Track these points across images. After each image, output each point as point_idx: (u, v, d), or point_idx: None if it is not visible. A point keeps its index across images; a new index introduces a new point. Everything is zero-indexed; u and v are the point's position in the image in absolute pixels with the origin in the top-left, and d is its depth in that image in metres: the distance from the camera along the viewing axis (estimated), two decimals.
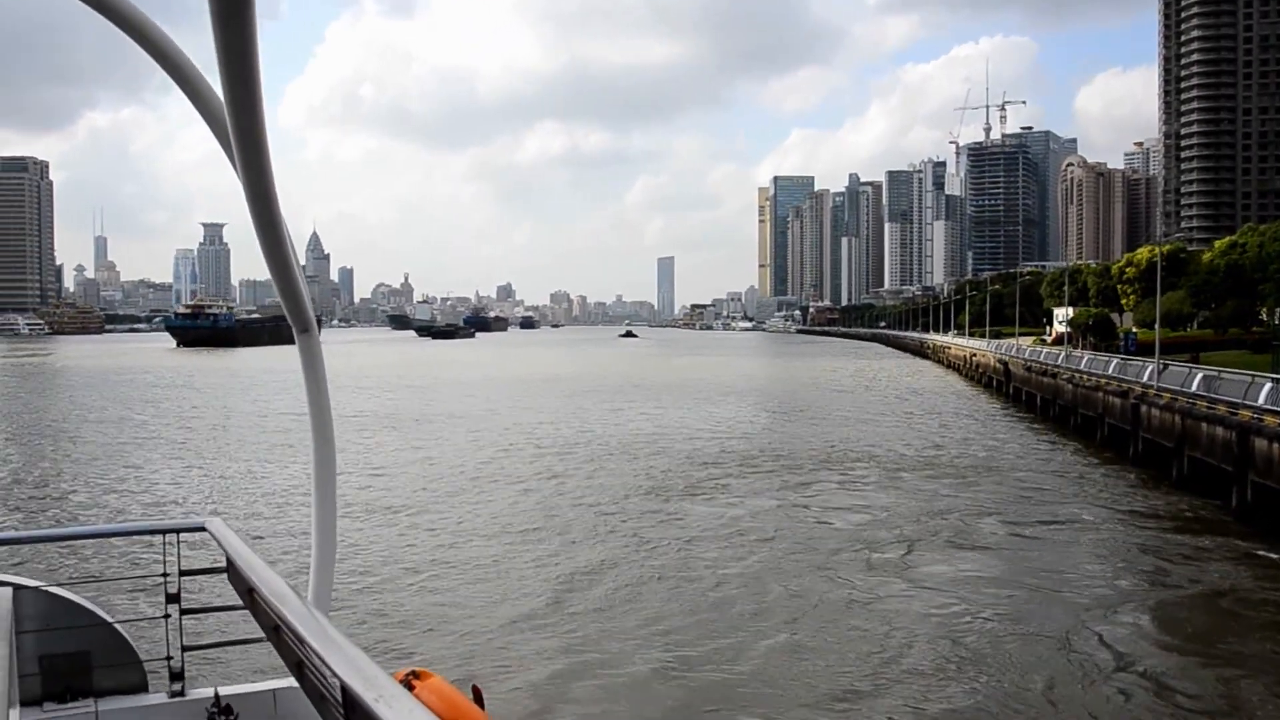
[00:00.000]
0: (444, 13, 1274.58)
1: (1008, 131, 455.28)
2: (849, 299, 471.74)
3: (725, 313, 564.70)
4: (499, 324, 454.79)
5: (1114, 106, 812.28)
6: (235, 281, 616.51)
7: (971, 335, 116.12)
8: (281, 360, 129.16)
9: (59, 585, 5.33)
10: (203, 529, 5.30)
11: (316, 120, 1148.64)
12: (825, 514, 27.51)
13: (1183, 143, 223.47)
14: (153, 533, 5.77)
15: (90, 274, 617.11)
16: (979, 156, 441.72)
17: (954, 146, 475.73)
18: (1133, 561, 22.69)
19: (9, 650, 3.30)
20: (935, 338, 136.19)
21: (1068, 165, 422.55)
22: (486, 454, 39.62)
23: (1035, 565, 21.93)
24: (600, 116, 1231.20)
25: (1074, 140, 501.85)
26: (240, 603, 4.63)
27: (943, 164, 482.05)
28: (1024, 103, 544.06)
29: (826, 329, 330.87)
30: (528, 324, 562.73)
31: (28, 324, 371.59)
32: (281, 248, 4.18)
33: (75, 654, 5.07)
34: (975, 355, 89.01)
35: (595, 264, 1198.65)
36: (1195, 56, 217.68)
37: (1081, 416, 45.62)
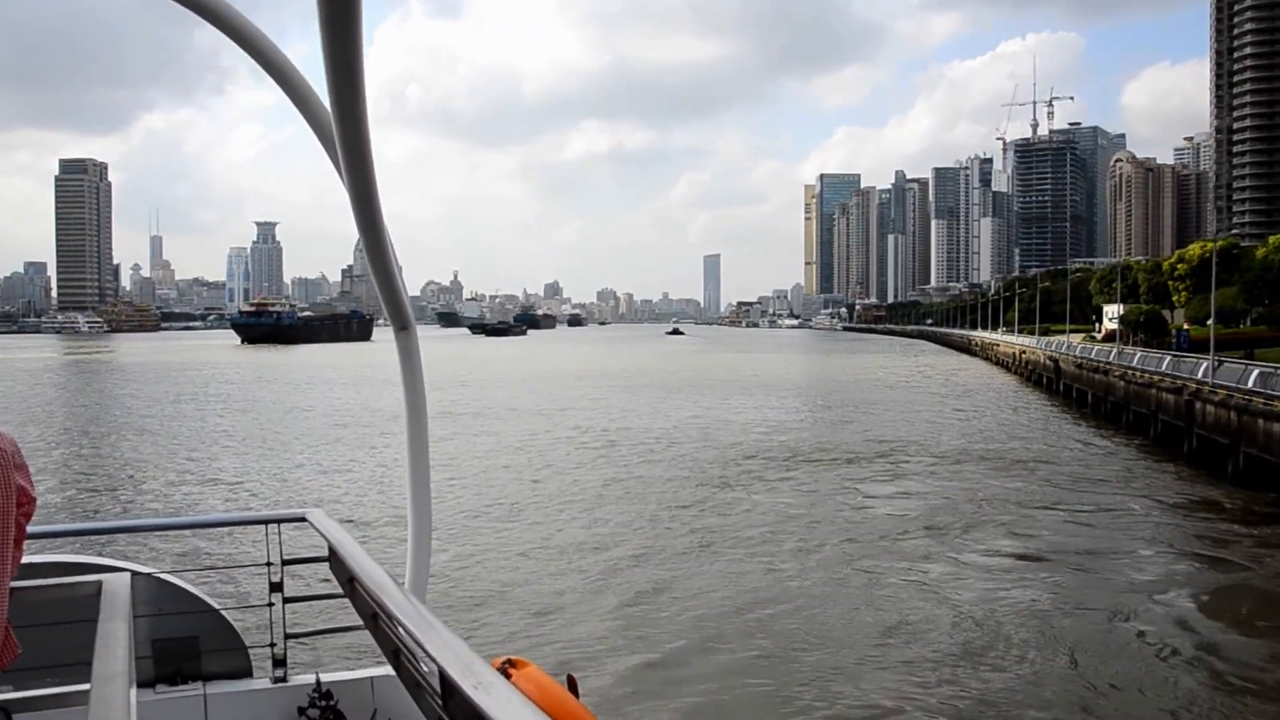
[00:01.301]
0: (489, 14, 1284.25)
1: (1055, 127, 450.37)
2: (895, 296, 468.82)
3: (771, 310, 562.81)
4: (548, 321, 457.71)
5: (1162, 101, 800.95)
6: (288, 279, 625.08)
7: (1020, 332, 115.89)
8: (345, 357, 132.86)
9: (170, 572, 5.53)
10: (304, 519, 5.46)
11: None
12: (887, 503, 28.32)
13: (1235, 137, 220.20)
14: (256, 523, 5.96)
15: (146, 273, 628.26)
16: (1026, 153, 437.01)
17: (1001, 143, 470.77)
18: (1190, 551, 23.23)
19: (129, 632, 3.43)
20: (983, 335, 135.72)
21: (1116, 161, 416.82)
22: (562, 447, 40.91)
23: (1091, 554, 22.57)
24: (644, 114, 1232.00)
25: (1122, 136, 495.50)
26: (340, 591, 4.81)
27: (989, 161, 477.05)
28: (1071, 98, 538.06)
29: (873, 326, 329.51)
30: (575, 321, 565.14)
31: (87, 322, 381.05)
32: (383, 250, 4.38)
33: (184, 639, 5.27)
34: (1025, 352, 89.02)
35: (641, 261, 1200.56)
36: (1249, 50, 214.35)
37: (1134, 413, 45.82)
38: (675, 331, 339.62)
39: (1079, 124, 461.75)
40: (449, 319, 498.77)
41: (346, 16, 2.84)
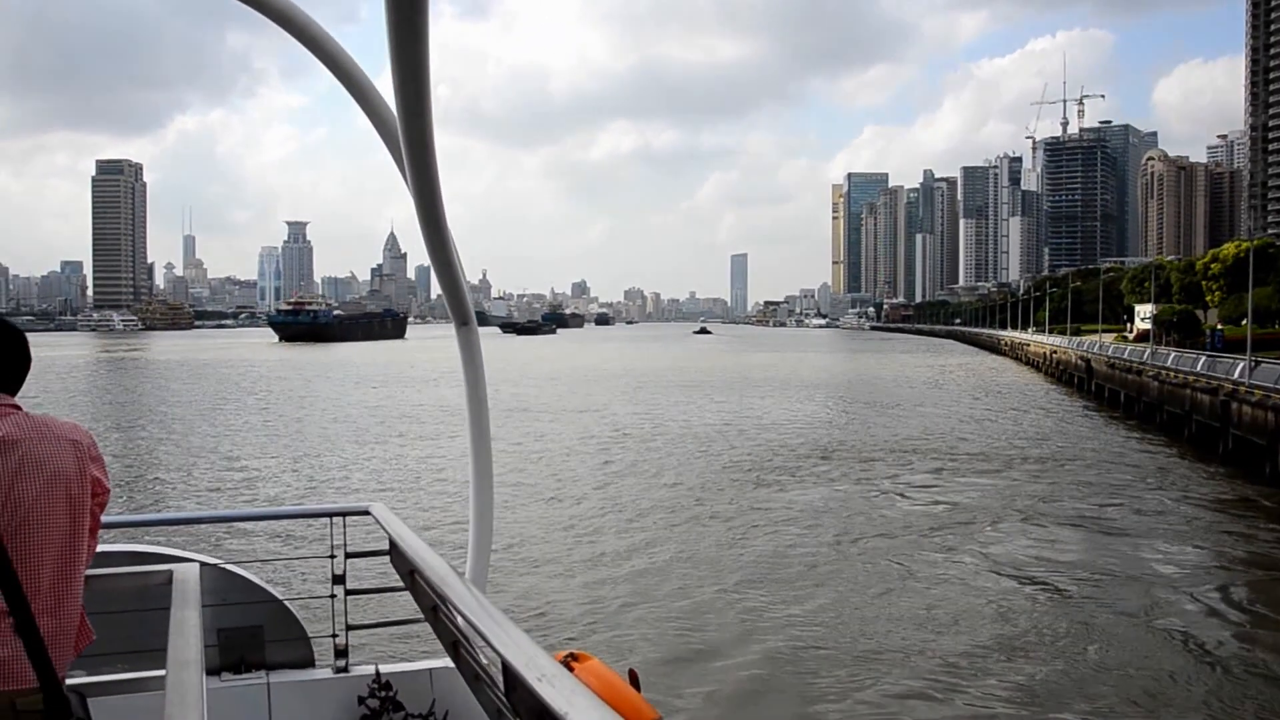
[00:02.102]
0: (517, 15, 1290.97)
1: (1085, 125, 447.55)
2: (923, 296, 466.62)
3: (798, 309, 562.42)
4: (575, 320, 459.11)
5: (1195, 98, 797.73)
6: (318, 278, 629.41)
7: (1051, 332, 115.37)
8: (382, 354, 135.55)
9: (236, 563, 5.63)
10: (367, 513, 5.53)
11: None
12: (939, 501, 28.53)
13: (1270, 135, 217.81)
14: (320, 515, 6.10)
15: (179, 271, 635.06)
16: (1056, 151, 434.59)
17: (1030, 141, 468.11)
18: (1228, 549, 23.26)
19: (199, 621, 3.54)
20: (1013, 335, 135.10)
21: (1148, 159, 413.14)
22: (610, 444, 41.32)
23: (1132, 550, 22.66)
24: (671, 114, 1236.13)
25: (1154, 134, 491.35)
26: (401, 584, 4.92)
27: (1019, 159, 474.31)
28: (1102, 96, 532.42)
29: (901, 326, 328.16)
30: (603, 320, 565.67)
31: (122, 320, 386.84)
32: (445, 248, 4.53)
33: (249, 628, 5.39)
34: (1056, 352, 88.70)
35: (668, 261, 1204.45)
36: None
37: (1168, 414, 45.58)
38: (703, 331, 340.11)
39: (1110, 122, 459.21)
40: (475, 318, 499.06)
41: (414, 19, 2.95)
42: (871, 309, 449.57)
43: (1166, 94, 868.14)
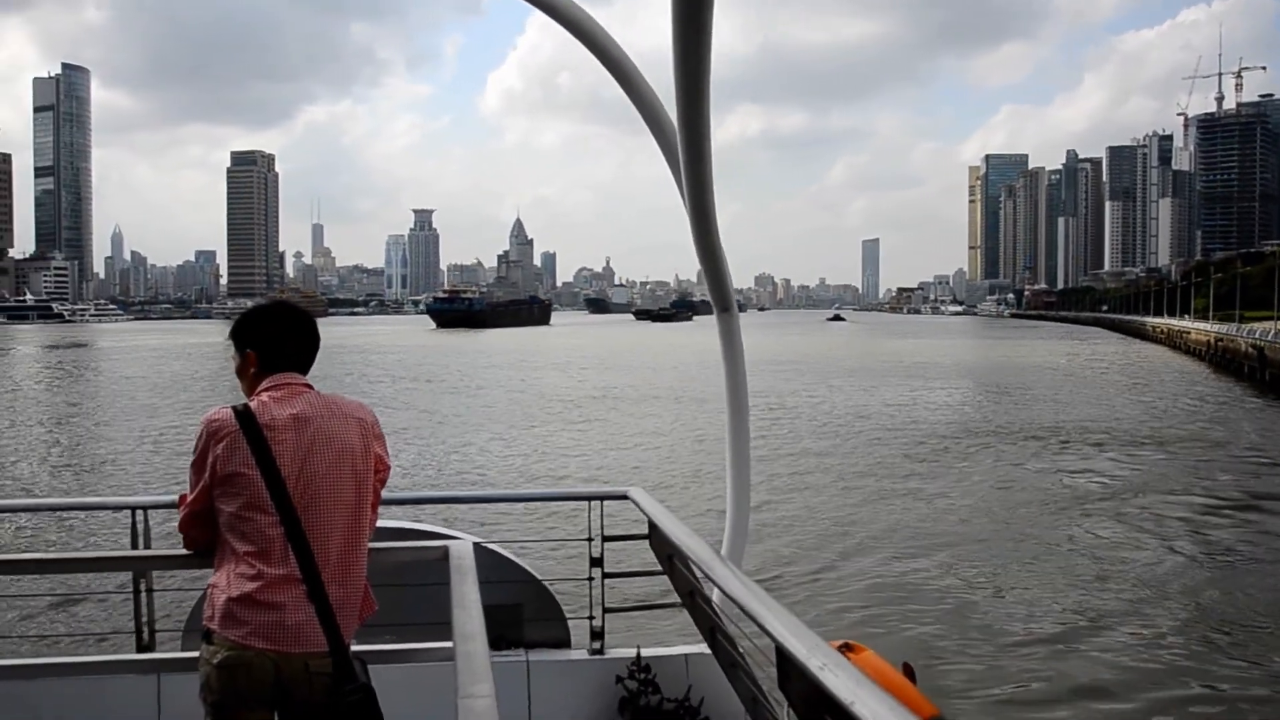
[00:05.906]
0: None
1: (1243, 100, 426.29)
2: (1065, 282, 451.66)
3: (933, 296, 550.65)
4: (705, 307, 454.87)
5: None
6: (443, 265, 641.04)
7: (1211, 319, 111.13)
8: (540, 340, 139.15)
9: (500, 543, 5.81)
10: (625, 497, 5.58)
11: (516, 108, 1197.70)
12: (1137, 483, 27.80)
13: None
14: (580, 499, 6.18)
15: (308, 260, 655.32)
16: (1210, 128, 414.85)
17: (1182, 119, 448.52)
18: None
19: (478, 596, 3.73)
20: (1169, 322, 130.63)
21: None
22: (800, 426, 41.50)
23: None
24: (797, 97, 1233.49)
25: None
26: (659, 568, 5.01)
27: (1169, 138, 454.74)
28: (1263, 69, 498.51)
29: (1043, 313, 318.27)
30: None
31: None
32: (710, 236, 4.81)
33: (510, 606, 5.49)
34: (1222, 340, 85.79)
35: (797, 246, 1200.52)
36: None
37: None
38: (837, 318, 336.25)
39: (1271, 95, 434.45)
40: (598, 305, 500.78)
41: (699, 35, 3.19)
42: (1010, 295, 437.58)
43: None
